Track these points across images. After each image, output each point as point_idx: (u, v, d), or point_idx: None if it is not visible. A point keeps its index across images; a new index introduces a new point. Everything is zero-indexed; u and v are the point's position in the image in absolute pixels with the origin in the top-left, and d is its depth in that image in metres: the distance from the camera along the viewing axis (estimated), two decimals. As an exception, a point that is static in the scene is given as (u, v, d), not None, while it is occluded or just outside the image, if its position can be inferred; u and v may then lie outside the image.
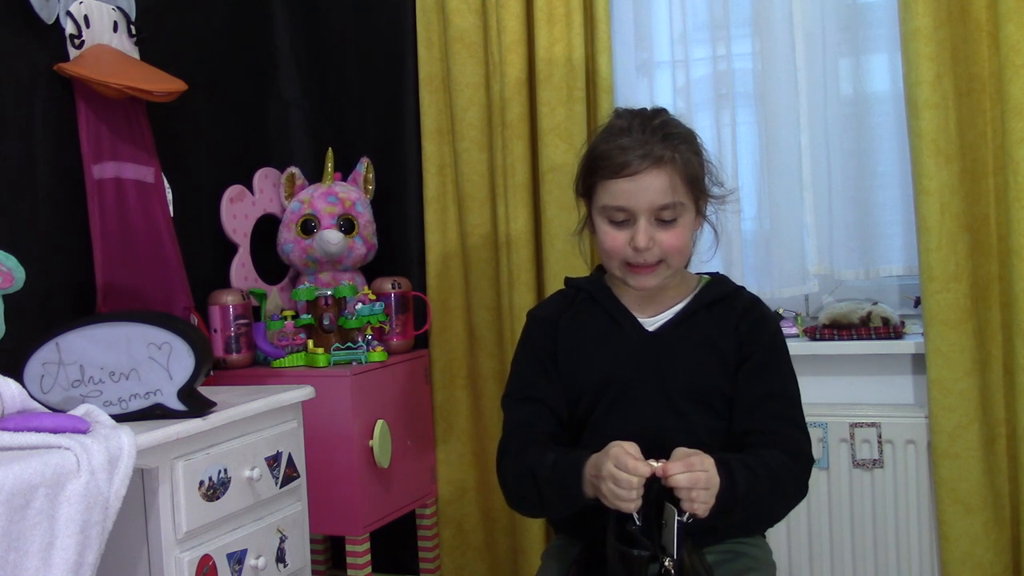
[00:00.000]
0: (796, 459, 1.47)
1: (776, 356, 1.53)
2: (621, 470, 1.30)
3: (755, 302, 1.57)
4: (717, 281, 1.59)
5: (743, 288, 1.60)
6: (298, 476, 1.88)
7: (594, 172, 1.50)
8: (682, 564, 1.31)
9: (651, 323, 1.55)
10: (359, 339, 2.30)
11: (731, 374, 1.51)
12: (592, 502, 1.39)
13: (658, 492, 1.33)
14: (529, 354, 1.61)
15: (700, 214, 1.54)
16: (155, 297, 2.08)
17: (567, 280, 1.66)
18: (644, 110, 1.54)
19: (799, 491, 1.49)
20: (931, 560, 2.18)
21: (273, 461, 1.80)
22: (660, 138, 1.46)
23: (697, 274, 1.62)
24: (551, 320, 1.61)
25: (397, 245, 2.61)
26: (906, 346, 2.23)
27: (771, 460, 1.42)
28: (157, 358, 1.61)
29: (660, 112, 1.53)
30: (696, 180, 1.49)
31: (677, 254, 1.48)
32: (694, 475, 1.29)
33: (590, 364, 1.54)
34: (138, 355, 1.61)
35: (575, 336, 1.57)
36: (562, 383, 1.56)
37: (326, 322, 2.33)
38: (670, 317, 1.54)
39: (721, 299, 1.55)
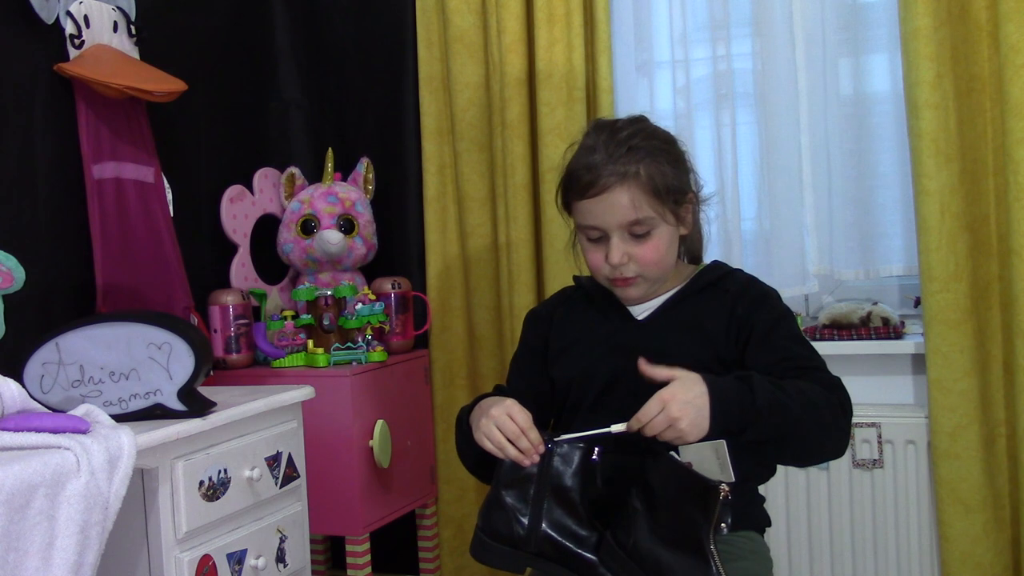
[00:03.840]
0: (830, 389, 1.42)
1: (781, 324, 1.51)
2: (510, 416, 1.37)
3: (750, 282, 1.56)
4: (711, 267, 1.59)
5: (739, 270, 1.59)
6: (298, 476, 1.88)
7: (567, 192, 1.53)
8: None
9: (641, 312, 1.56)
10: (359, 339, 2.30)
11: (723, 353, 1.49)
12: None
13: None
14: (517, 352, 1.68)
15: (681, 219, 1.53)
16: (155, 297, 2.08)
17: (574, 278, 1.69)
18: (615, 123, 1.54)
19: (839, 420, 1.41)
20: (931, 560, 2.18)
21: (273, 461, 1.80)
22: (624, 152, 1.46)
23: (694, 264, 1.63)
24: (544, 316, 1.66)
25: (397, 245, 2.61)
26: (906, 346, 2.23)
27: (801, 383, 1.39)
28: (157, 358, 1.61)
29: (632, 122, 1.53)
30: (664, 191, 1.47)
31: (653, 266, 1.49)
32: (658, 401, 1.30)
33: (579, 357, 1.56)
34: (138, 355, 1.61)
35: (566, 330, 1.60)
36: (548, 376, 1.60)
37: (326, 322, 2.33)
38: (659, 305, 1.55)
39: (713, 283, 1.55)
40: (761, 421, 1.32)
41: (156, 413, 1.61)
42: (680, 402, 1.29)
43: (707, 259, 1.66)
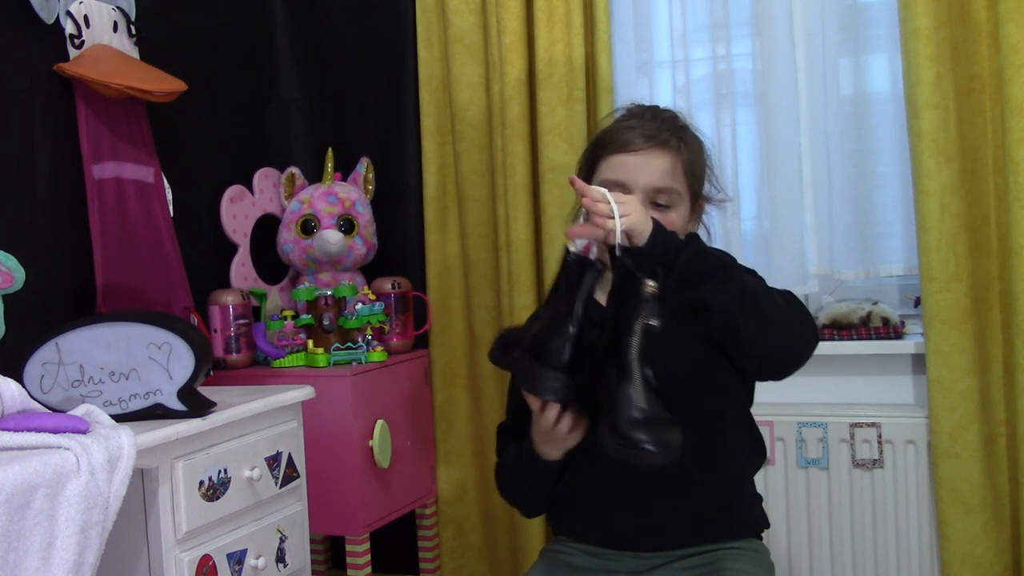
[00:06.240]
0: (782, 295, 1.42)
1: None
2: (539, 427, 1.40)
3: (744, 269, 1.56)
4: None
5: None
6: (298, 476, 1.88)
7: (599, 148, 1.52)
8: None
9: None
10: (359, 339, 2.30)
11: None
12: (557, 461, 1.46)
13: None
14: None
15: (695, 214, 1.54)
16: (155, 297, 2.08)
17: None
18: (657, 105, 1.58)
19: (789, 310, 1.39)
20: (931, 560, 2.18)
21: (273, 461, 1.80)
22: (669, 128, 1.50)
23: None
24: None
25: (397, 245, 2.61)
26: (906, 346, 2.23)
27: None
28: (157, 358, 1.61)
29: (671, 110, 1.57)
30: (695, 176, 1.50)
31: None
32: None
33: None
34: (138, 355, 1.61)
35: None
36: None
37: (326, 322, 2.33)
38: None
39: None
40: (694, 259, 1.33)
41: (156, 413, 1.61)
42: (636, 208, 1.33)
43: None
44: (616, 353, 1.29)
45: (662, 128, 1.49)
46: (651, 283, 1.26)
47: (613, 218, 1.29)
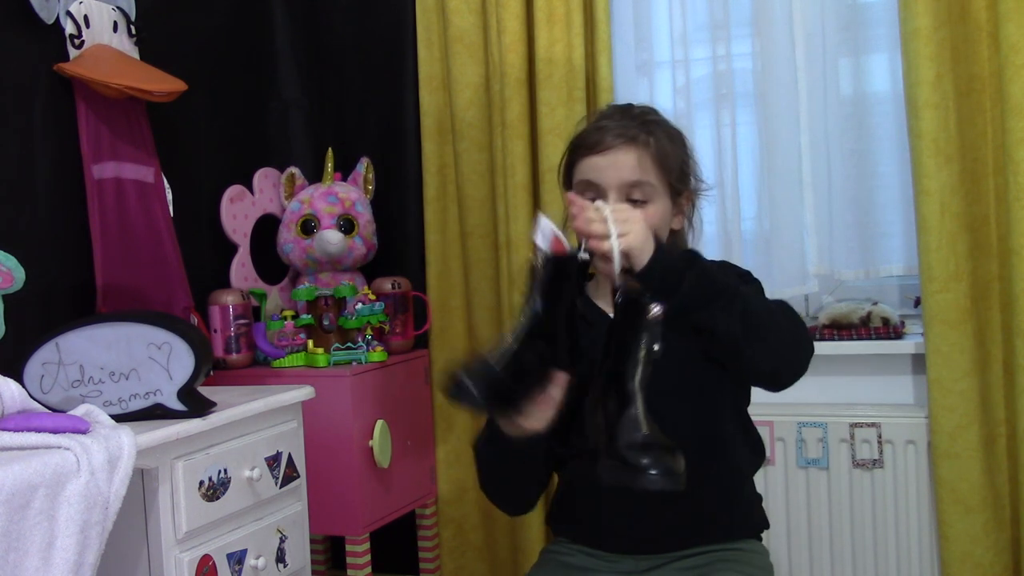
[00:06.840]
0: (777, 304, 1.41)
1: (747, 284, 1.48)
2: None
3: (742, 274, 1.55)
4: None
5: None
6: (298, 476, 1.88)
7: (573, 152, 1.52)
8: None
9: None
10: (359, 339, 2.30)
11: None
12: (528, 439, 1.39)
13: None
14: None
15: (678, 209, 1.53)
16: (155, 297, 2.08)
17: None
18: (631, 104, 1.57)
19: (789, 322, 1.38)
20: (931, 560, 2.18)
21: (273, 461, 1.80)
22: (638, 123, 1.49)
23: None
24: None
25: (397, 245, 2.61)
26: (906, 346, 2.23)
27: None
28: (157, 358, 1.61)
29: (646, 106, 1.56)
30: (670, 167, 1.48)
31: None
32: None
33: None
34: (138, 355, 1.61)
35: None
36: None
37: (326, 322, 2.33)
38: None
39: None
40: (697, 284, 1.29)
41: (156, 413, 1.61)
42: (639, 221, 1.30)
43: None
44: (617, 381, 1.25)
45: (629, 124, 1.48)
46: (656, 307, 1.23)
47: (610, 238, 1.25)
